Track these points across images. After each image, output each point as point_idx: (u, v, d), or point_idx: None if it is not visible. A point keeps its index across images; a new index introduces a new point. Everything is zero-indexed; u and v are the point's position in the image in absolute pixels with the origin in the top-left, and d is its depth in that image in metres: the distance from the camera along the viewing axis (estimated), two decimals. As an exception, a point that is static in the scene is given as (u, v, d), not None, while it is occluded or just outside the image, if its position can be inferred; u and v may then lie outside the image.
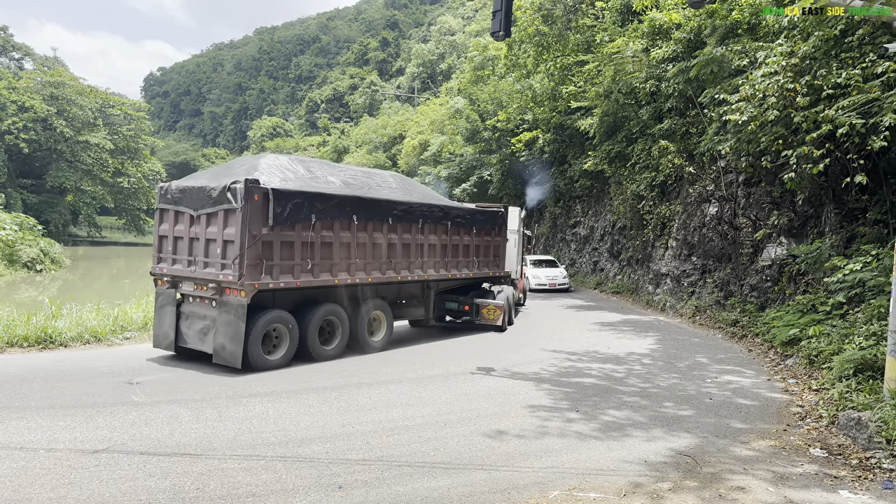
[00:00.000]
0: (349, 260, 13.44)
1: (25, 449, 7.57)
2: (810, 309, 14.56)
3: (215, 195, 11.78)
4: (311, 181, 13.22)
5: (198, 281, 12.18)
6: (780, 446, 8.50)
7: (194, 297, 12.45)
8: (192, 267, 12.30)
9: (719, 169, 20.56)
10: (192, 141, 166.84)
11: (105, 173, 71.30)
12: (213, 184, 11.95)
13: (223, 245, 11.68)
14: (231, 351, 11.70)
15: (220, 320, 11.83)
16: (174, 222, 12.71)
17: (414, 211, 15.09)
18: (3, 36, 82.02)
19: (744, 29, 19.06)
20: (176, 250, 12.69)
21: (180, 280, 12.57)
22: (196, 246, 12.23)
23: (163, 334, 12.93)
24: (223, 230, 11.69)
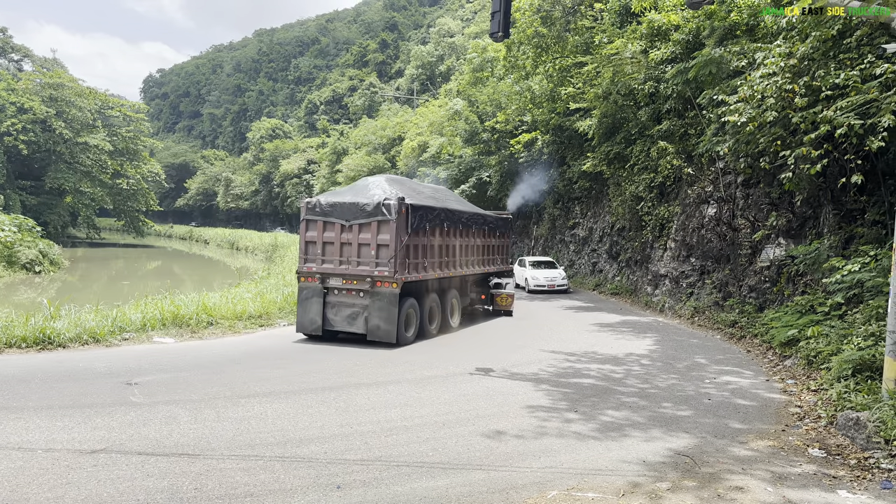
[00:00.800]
0: (443, 258, 17.17)
1: (23, 449, 7.56)
2: (809, 310, 14.56)
3: (370, 209, 14.98)
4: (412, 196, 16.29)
5: (348, 276, 15.17)
6: (778, 446, 8.51)
7: (341, 289, 15.34)
8: (343, 266, 15.25)
9: (718, 170, 20.58)
10: (192, 142, 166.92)
11: (104, 175, 71.25)
12: (363, 200, 15.22)
13: (377, 248, 14.92)
14: (386, 330, 14.96)
15: (374, 307, 14.98)
16: (322, 230, 15.58)
17: (472, 219, 18.92)
18: (3, 37, 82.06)
19: (742, 30, 19.08)
20: (325, 253, 15.53)
21: (328, 276, 15.39)
22: (347, 249, 15.27)
23: (309, 321, 15.70)
24: (377, 236, 14.89)
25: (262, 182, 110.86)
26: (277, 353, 14.30)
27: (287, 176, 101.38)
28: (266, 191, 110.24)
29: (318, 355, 14.05)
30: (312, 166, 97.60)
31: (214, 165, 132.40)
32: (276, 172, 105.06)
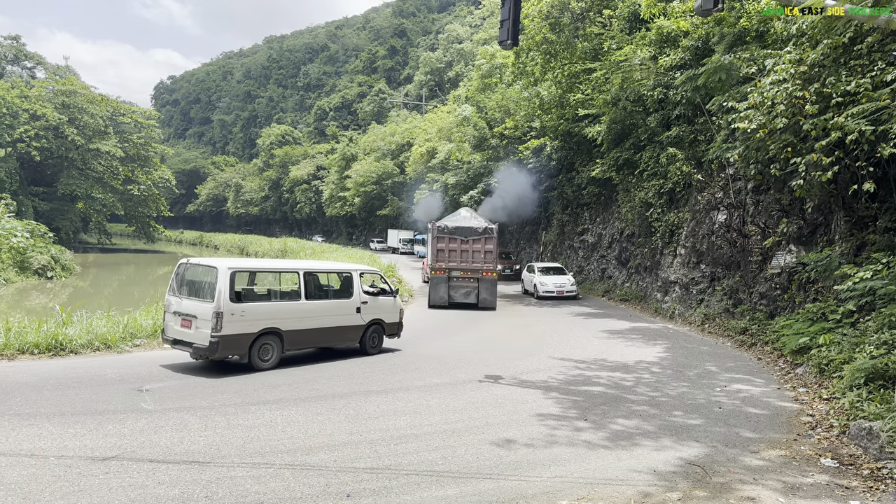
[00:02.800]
0: None
1: (36, 456, 7.61)
2: (820, 317, 14.47)
3: (480, 231, 25.45)
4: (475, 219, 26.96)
5: (465, 270, 25.10)
6: (790, 456, 8.45)
7: (460, 278, 24.99)
8: (463, 263, 25.19)
9: (728, 176, 20.51)
10: (202, 149, 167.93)
11: (115, 181, 71.79)
12: (475, 225, 25.81)
13: (484, 254, 25.27)
14: (490, 301, 24.97)
15: (483, 287, 25.01)
16: (448, 243, 25.40)
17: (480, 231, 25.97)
18: (16, 45, 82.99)
19: (752, 36, 19.04)
20: (449, 257, 25.25)
21: (452, 270, 25.04)
22: (464, 255, 25.29)
23: (439, 297, 24.89)
24: (484, 247, 25.32)
25: (272, 188, 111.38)
26: (286, 360, 14.32)
27: (296, 182, 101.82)
28: (276, 197, 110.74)
29: (327, 361, 14.08)
30: (322, 172, 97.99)
31: (225, 171, 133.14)
32: (286, 178, 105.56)
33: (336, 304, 14.71)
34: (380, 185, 73.76)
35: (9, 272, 35.79)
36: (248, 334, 12.69)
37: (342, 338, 14.93)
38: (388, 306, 15.87)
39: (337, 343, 15.16)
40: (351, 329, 14.94)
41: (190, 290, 13.13)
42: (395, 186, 71.99)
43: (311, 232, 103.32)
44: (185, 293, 13.14)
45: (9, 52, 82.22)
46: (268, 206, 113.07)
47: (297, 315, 13.62)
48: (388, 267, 36.68)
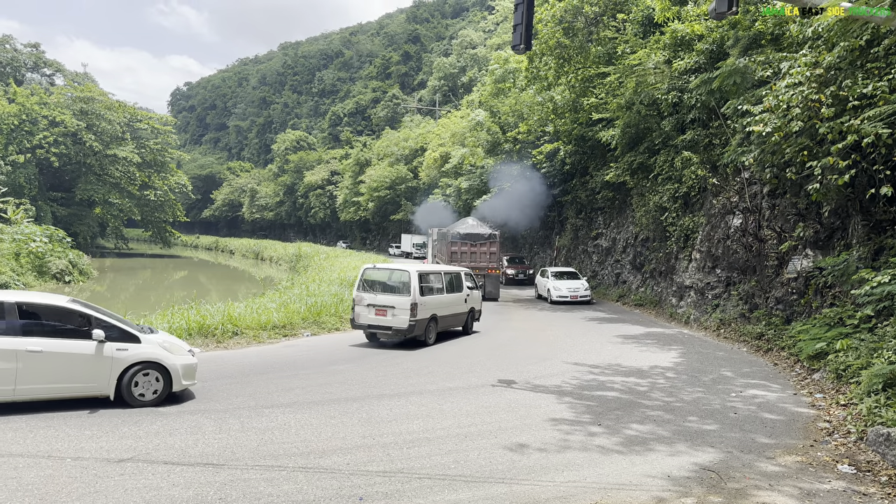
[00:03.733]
0: None
1: (52, 457, 7.70)
2: (837, 322, 14.31)
3: (486, 236, 30.83)
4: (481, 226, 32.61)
5: (473, 268, 28.14)
6: (807, 462, 8.36)
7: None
8: (472, 263, 29.70)
9: (743, 180, 20.37)
10: (218, 154, 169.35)
11: (132, 186, 72.55)
12: (481, 231, 31.28)
13: (489, 255, 30.73)
14: (494, 293, 29.39)
15: (488, 282, 29.16)
16: (460, 246, 30.80)
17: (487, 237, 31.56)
18: (36, 53, 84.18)
19: (767, 40, 18.92)
20: (461, 258, 30.45)
21: None
22: (473, 256, 30.64)
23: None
24: (489, 249, 30.75)
25: (287, 193, 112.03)
26: (300, 363, 14.39)
27: (311, 187, 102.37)
28: (290, 202, 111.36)
29: (340, 366, 14.12)
30: (336, 177, 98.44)
31: (240, 177, 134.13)
32: (301, 184, 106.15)
33: (458, 296, 19.20)
34: (393, 189, 73.99)
35: (27, 277, 36.26)
36: (425, 319, 17.04)
37: (458, 321, 19.38)
38: (477, 297, 20.70)
39: (455, 325, 19.31)
40: (462, 315, 19.48)
41: (383, 288, 17.10)
42: (409, 191, 72.19)
43: (326, 237, 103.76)
44: (379, 290, 17.06)
45: (28, 60, 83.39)
46: (282, 212, 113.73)
47: (443, 304, 18.18)
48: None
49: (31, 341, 9.36)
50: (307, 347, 16.67)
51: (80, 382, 9.78)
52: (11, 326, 9.32)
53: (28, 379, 9.37)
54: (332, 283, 28.94)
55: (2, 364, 9.14)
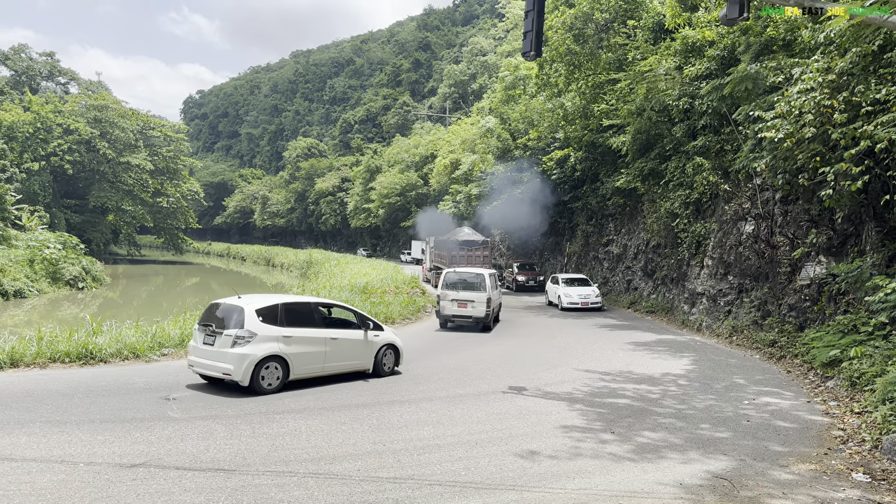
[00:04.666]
0: None
1: (66, 462, 7.75)
2: (851, 329, 14.18)
3: (479, 243, 35.79)
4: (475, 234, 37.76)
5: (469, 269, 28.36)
6: (821, 470, 8.28)
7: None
8: (469, 265, 32.41)
9: (755, 186, 20.26)
10: (230, 161, 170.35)
11: (145, 193, 73.14)
12: (476, 238, 36.27)
13: (483, 258, 35.00)
14: None
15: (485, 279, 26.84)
16: (458, 251, 34.58)
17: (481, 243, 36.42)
18: (50, 61, 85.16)
19: (779, 45, 18.85)
20: (458, 260, 33.72)
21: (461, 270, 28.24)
22: (468, 259, 34.24)
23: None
24: (482, 253, 35.27)
25: (298, 200, 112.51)
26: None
27: (322, 194, 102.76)
28: (301, 208, 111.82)
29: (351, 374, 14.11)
30: (346, 184, 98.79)
31: (252, 184, 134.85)
32: (312, 190, 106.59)
33: (498, 292, 23.71)
34: (404, 196, 74.15)
35: (42, 283, 36.58)
36: (495, 309, 22.31)
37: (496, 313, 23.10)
38: (499, 297, 23.81)
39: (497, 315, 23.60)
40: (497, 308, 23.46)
41: (463, 286, 21.90)
42: (419, 198, 72.30)
43: (336, 244, 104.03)
44: (460, 288, 21.87)
45: (44, 69, 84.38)
46: (293, 218, 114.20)
47: (497, 299, 23.41)
48: (411, 278, 36.81)
49: (331, 331, 13.00)
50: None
51: (357, 360, 13.45)
52: (322, 320, 13.07)
53: (331, 359, 12.87)
54: (343, 290, 28.99)
55: (318, 348, 12.58)
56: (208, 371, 11.87)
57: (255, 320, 11.84)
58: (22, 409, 9.99)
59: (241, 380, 11.48)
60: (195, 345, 12.28)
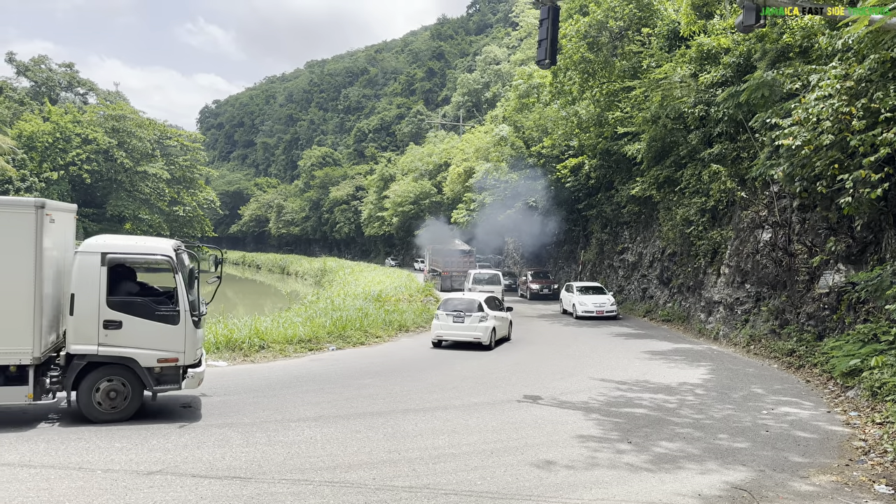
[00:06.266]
0: None
1: (84, 469, 7.80)
2: (872, 338, 13.98)
3: (466, 251, 46.06)
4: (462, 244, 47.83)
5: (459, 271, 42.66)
6: (842, 482, 8.15)
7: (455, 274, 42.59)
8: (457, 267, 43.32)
9: (772, 194, 20.09)
10: (245, 171, 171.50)
11: (161, 202, 73.80)
12: (464, 248, 46.56)
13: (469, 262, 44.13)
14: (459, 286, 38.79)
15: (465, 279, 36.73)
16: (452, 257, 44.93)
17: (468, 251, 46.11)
18: (70, 72, 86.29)
19: (796, 52, 18.71)
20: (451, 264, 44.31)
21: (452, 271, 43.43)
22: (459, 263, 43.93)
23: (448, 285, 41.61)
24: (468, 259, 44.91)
25: (312, 208, 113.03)
26: (326, 377, 14.44)
27: (336, 202, 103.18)
28: (316, 217, 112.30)
29: (366, 380, 14.13)
30: (360, 193, 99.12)
31: (267, 193, 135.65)
32: (326, 199, 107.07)
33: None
34: (417, 204, 74.22)
35: (60, 291, 36.94)
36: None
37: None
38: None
39: None
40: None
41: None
42: (433, 206, 72.35)
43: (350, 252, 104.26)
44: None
45: (63, 79, 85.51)
46: (308, 227, 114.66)
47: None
48: (425, 286, 36.85)
49: (494, 313, 20.21)
50: (332, 361, 16.72)
51: (506, 332, 21.43)
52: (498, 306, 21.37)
53: (501, 330, 20.75)
54: (357, 298, 29.06)
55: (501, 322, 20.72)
56: (460, 339, 19.34)
57: (485, 307, 19.79)
58: (39, 417, 10.07)
59: (485, 341, 19.19)
60: (444, 323, 19.55)
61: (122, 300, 10.15)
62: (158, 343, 10.17)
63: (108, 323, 9.90)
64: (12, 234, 9.40)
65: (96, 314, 9.86)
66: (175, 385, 10.29)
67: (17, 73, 79.21)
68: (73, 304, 9.79)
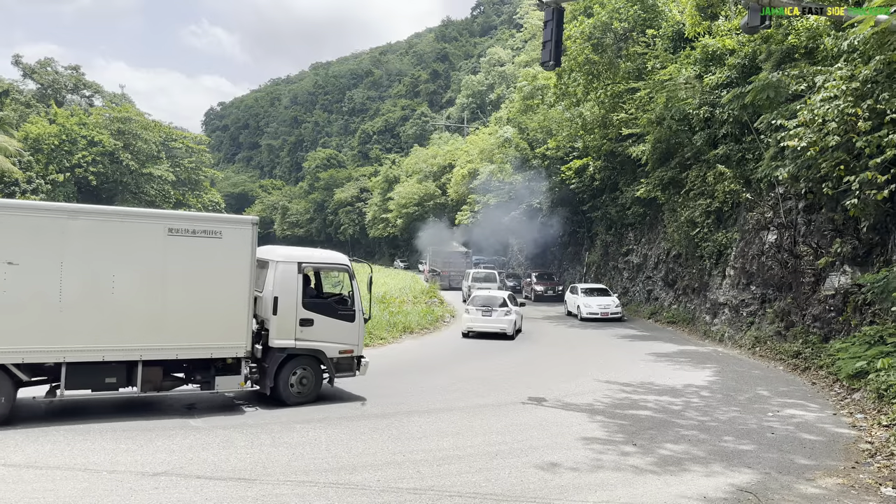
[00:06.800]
0: None
1: (89, 470, 7.82)
2: (878, 341, 13.92)
3: (463, 253, 49.65)
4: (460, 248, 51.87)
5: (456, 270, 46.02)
6: (848, 484, 8.11)
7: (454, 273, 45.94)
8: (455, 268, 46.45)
9: (778, 195, 20.03)
10: (250, 172, 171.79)
11: (167, 204, 73.91)
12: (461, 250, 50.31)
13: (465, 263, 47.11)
14: None
15: None
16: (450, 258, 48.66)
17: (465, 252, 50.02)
18: (75, 75, 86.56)
19: (801, 53, 18.66)
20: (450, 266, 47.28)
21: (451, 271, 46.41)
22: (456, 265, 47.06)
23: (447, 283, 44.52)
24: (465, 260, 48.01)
25: (317, 210, 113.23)
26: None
27: (341, 204, 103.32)
28: (320, 219, 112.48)
29: (370, 381, 14.12)
30: (365, 194, 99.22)
31: (272, 194, 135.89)
32: (331, 201, 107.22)
33: None
34: (422, 206, 74.22)
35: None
36: None
37: None
38: None
39: None
40: None
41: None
42: (437, 208, 72.37)
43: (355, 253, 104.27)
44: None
45: (69, 82, 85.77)
46: (313, 228, 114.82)
47: None
48: (430, 287, 36.83)
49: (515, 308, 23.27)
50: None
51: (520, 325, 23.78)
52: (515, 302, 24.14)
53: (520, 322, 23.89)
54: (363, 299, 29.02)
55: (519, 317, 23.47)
56: (488, 330, 21.81)
57: (509, 302, 22.67)
58: (46, 418, 10.10)
59: (510, 332, 21.91)
60: (474, 317, 22.15)
61: (313, 301, 12.07)
62: (339, 337, 12.17)
63: (303, 321, 11.70)
64: (235, 246, 11.04)
65: (294, 314, 11.63)
66: (350, 372, 12.37)
67: (24, 76, 79.49)
68: (277, 306, 11.47)
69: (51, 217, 9.95)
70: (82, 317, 9.90)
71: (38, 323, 9.63)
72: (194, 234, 10.77)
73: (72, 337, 9.81)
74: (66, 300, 9.77)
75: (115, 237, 10.22)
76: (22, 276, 9.51)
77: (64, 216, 10.00)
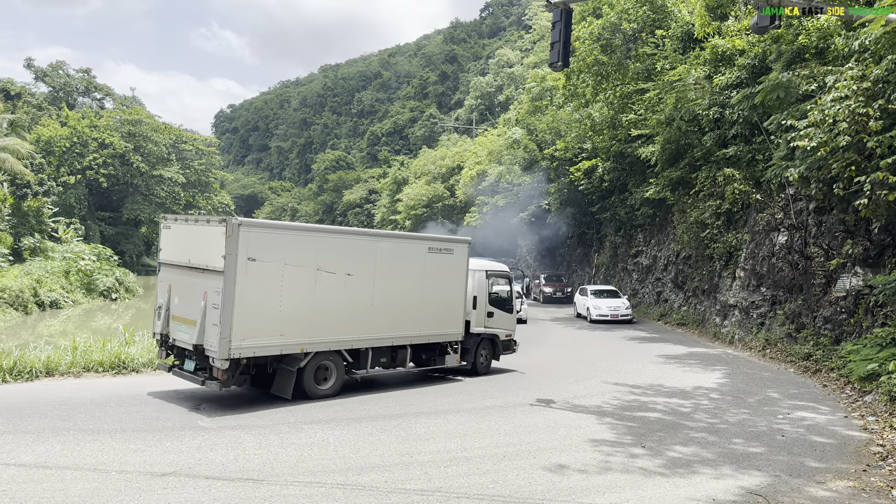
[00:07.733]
0: None
1: (98, 470, 7.86)
2: (890, 342, 13.80)
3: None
4: None
5: None
6: (859, 487, 8.04)
7: None
8: None
9: (788, 196, 19.91)
10: (260, 174, 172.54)
11: (177, 206, 74.37)
12: None
13: None
14: None
15: None
16: None
17: None
18: (87, 78, 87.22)
19: (811, 53, 18.55)
20: None
21: None
22: None
23: None
24: None
25: (326, 212, 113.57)
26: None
27: (349, 205, 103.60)
28: (329, 220, 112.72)
29: (378, 383, 14.14)
30: (374, 196, 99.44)
31: (281, 196, 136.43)
32: (339, 202, 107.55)
33: None
34: (430, 207, 74.24)
35: (76, 294, 37.35)
36: None
37: None
38: None
39: None
40: None
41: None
42: (446, 209, 72.40)
43: None
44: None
45: (80, 85, 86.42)
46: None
47: None
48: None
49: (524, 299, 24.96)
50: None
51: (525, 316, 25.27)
52: None
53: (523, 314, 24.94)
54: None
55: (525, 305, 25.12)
56: None
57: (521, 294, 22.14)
58: (56, 418, 10.16)
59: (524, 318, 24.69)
60: None
61: (493, 299, 15.92)
62: (505, 325, 16.19)
63: (489, 314, 15.64)
64: (460, 260, 14.88)
65: (484, 308, 15.57)
66: (510, 350, 16.44)
67: (36, 79, 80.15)
68: (476, 303, 15.34)
69: (369, 240, 13.44)
70: (383, 313, 13.18)
71: (361, 318, 12.74)
72: (440, 251, 14.41)
73: (377, 328, 13.05)
74: (377, 301, 12.99)
75: (401, 255, 13.73)
76: (355, 284, 12.60)
77: (376, 239, 13.57)
